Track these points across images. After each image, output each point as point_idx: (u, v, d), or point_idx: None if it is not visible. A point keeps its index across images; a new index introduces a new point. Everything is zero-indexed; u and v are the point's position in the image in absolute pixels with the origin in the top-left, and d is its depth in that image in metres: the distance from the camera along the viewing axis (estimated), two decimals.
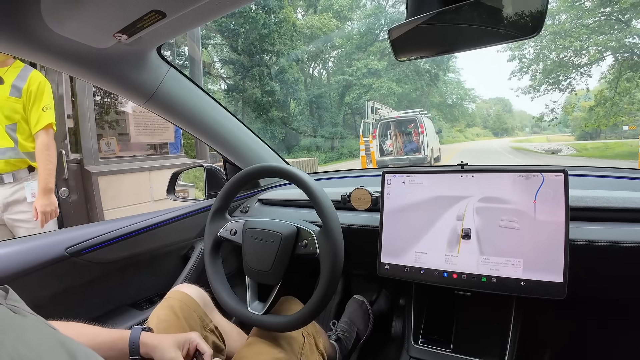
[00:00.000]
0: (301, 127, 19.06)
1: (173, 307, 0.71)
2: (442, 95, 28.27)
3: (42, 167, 1.55)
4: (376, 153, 9.42)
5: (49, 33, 0.58)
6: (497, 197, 0.74)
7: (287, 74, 16.72)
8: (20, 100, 1.55)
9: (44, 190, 1.56)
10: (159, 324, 0.68)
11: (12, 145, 1.55)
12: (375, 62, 19.87)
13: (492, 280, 0.72)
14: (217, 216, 0.87)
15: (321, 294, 0.69)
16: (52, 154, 1.59)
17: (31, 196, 1.61)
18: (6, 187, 1.57)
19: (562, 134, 38.82)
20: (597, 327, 0.96)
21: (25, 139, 1.59)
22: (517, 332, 0.80)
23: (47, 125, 1.58)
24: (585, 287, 0.76)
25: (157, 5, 0.51)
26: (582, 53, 15.11)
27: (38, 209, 1.55)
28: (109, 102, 2.94)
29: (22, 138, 1.58)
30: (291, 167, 0.81)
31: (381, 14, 21.62)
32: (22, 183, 1.60)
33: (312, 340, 0.82)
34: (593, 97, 16.24)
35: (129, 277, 0.94)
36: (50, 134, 1.60)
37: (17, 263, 0.70)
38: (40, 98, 1.59)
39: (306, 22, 18.43)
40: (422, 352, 0.85)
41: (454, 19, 0.56)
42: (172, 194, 1.22)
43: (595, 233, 0.71)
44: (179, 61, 9.50)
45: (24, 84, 1.56)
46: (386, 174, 0.86)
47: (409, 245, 0.81)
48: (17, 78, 1.56)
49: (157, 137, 3.20)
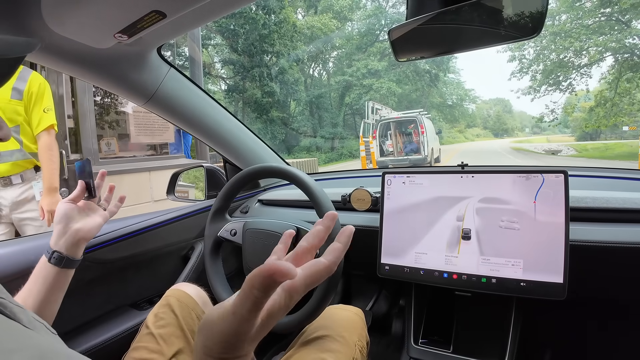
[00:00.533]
0: (301, 128, 19.07)
1: (171, 305, 0.71)
2: (442, 96, 28.29)
3: (46, 167, 1.57)
4: (376, 153, 9.42)
5: (49, 33, 0.58)
6: (497, 197, 0.74)
7: (287, 75, 16.75)
8: (22, 102, 1.56)
9: (48, 189, 1.58)
10: (157, 321, 0.67)
11: (18, 147, 1.57)
12: (375, 63, 19.90)
13: (492, 280, 0.72)
14: (217, 216, 0.87)
15: (321, 294, 0.69)
16: (54, 154, 1.61)
17: (39, 194, 1.63)
18: (15, 187, 1.60)
19: (562, 134, 38.84)
20: (598, 327, 0.96)
21: (29, 140, 1.61)
22: (517, 333, 0.80)
23: (49, 126, 1.60)
24: (585, 287, 0.76)
25: (158, 5, 0.51)
26: (582, 54, 15.13)
27: (44, 208, 1.57)
28: (109, 103, 2.94)
29: (26, 139, 1.60)
30: (291, 167, 0.81)
31: (381, 14, 21.65)
32: (30, 183, 1.63)
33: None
34: (593, 97, 16.25)
35: (129, 277, 0.93)
36: (52, 134, 1.62)
37: (17, 263, 0.70)
38: (41, 99, 1.60)
39: (306, 23, 18.45)
40: (422, 353, 0.85)
41: (454, 20, 0.56)
42: (172, 195, 1.22)
43: (595, 234, 0.71)
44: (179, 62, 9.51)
45: (25, 86, 1.57)
46: (386, 174, 0.86)
47: (409, 245, 0.81)
48: (17, 80, 1.56)
49: (158, 138, 3.20)
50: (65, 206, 0.64)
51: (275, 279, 0.26)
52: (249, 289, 0.26)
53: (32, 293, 0.58)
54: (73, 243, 0.63)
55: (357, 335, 0.73)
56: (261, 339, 0.30)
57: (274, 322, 0.29)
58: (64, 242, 0.62)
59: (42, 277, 0.59)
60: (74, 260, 0.63)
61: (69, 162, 2.28)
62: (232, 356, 0.29)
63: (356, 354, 0.69)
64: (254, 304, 0.27)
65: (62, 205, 0.64)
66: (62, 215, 0.63)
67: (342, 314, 0.77)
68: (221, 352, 0.29)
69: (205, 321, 0.30)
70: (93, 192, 0.68)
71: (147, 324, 0.68)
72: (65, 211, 0.64)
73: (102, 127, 2.84)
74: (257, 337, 0.29)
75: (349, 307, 0.81)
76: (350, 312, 0.79)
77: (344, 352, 0.67)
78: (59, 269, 0.60)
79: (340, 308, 0.79)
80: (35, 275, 0.60)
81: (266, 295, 0.26)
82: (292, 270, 0.26)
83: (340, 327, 0.72)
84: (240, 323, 0.27)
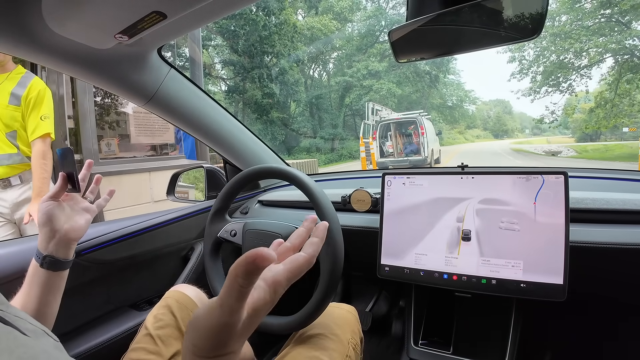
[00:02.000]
0: (301, 129, 19.08)
1: (170, 307, 0.70)
2: (442, 97, 28.32)
3: (37, 175, 1.54)
4: (376, 154, 9.42)
5: (49, 34, 0.58)
6: (497, 198, 0.74)
7: (288, 76, 16.76)
8: (19, 108, 1.54)
9: (37, 197, 1.55)
10: (155, 322, 0.67)
11: (15, 151, 1.56)
12: (375, 64, 19.92)
13: (492, 282, 0.72)
14: (217, 217, 0.87)
15: (321, 295, 0.69)
16: (47, 162, 1.57)
17: None
18: (15, 189, 1.59)
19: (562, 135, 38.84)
20: (598, 328, 0.96)
21: (26, 145, 1.59)
22: (517, 334, 0.80)
23: (45, 134, 1.56)
24: (585, 289, 0.76)
25: (158, 6, 0.51)
26: (582, 55, 15.15)
27: (32, 215, 1.55)
28: (109, 103, 2.94)
29: (22, 145, 1.58)
30: (291, 168, 0.81)
31: (381, 15, 21.69)
32: (29, 183, 1.61)
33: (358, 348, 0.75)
34: (593, 98, 16.25)
35: (128, 278, 0.93)
36: (47, 142, 1.58)
37: (16, 263, 0.70)
38: (39, 106, 1.57)
39: (306, 24, 18.48)
40: (422, 354, 0.85)
41: (454, 21, 0.56)
42: (172, 195, 1.22)
43: (595, 235, 0.71)
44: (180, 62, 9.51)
45: (24, 91, 1.54)
46: (386, 175, 0.86)
47: (409, 246, 0.81)
48: (17, 86, 1.54)
49: (158, 138, 3.20)
50: (47, 206, 0.58)
51: (257, 263, 0.26)
52: (234, 278, 0.27)
53: (30, 297, 0.56)
54: (63, 245, 0.58)
55: (350, 332, 0.73)
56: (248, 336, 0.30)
57: (259, 318, 0.30)
58: (53, 246, 0.57)
59: (37, 282, 0.57)
60: (66, 261, 0.59)
61: None
62: (220, 353, 0.29)
63: (349, 352, 0.69)
64: (239, 293, 0.27)
65: (44, 205, 0.58)
66: (45, 217, 0.57)
67: (335, 312, 0.77)
68: (210, 349, 0.29)
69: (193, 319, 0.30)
70: (77, 185, 0.60)
71: (146, 325, 0.68)
72: (47, 211, 0.58)
73: (102, 127, 2.84)
74: (244, 334, 0.30)
75: (342, 305, 0.81)
76: (343, 310, 0.79)
77: (338, 349, 0.67)
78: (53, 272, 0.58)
79: (333, 306, 0.79)
80: (30, 279, 0.57)
81: (250, 282, 0.27)
82: (272, 255, 0.27)
83: (334, 325, 0.72)
84: (227, 315, 0.28)
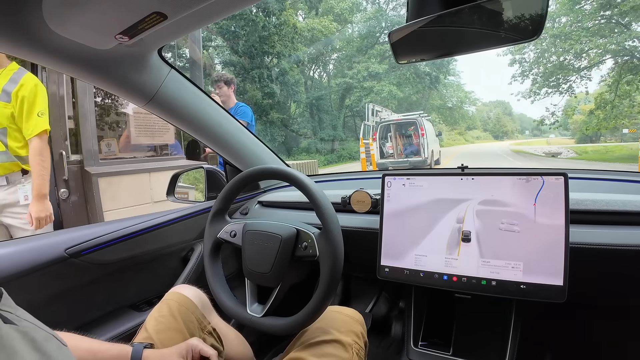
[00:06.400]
0: (301, 130, 19.09)
1: (171, 308, 0.70)
2: (443, 98, 28.34)
3: (36, 173, 1.52)
4: (376, 155, 9.42)
5: (50, 34, 0.58)
6: (497, 200, 0.73)
7: (288, 76, 16.78)
8: (10, 105, 1.52)
9: (37, 196, 1.53)
10: (156, 325, 0.67)
11: (3, 149, 1.53)
12: (375, 65, 19.94)
13: (492, 283, 0.72)
14: (217, 218, 0.86)
15: (321, 296, 0.69)
16: (45, 159, 1.55)
17: (24, 199, 1.58)
18: (0, 189, 1.56)
19: (563, 137, 38.87)
20: (598, 329, 0.96)
21: (16, 143, 1.56)
22: (517, 335, 0.80)
23: (42, 131, 1.55)
24: (585, 290, 0.76)
25: (159, 7, 0.51)
26: (582, 56, 15.18)
27: (33, 215, 1.53)
28: (109, 103, 2.94)
29: (12, 142, 1.55)
30: (291, 169, 0.81)
31: (382, 17, 21.71)
32: (15, 186, 1.58)
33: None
34: (593, 100, 16.27)
35: (128, 279, 0.93)
36: (44, 139, 1.57)
37: (16, 264, 0.69)
38: (34, 103, 1.54)
39: (307, 25, 18.49)
40: (422, 355, 0.85)
41: (454, 22, 0.56)
42: (172, 196, 1.22)
43: (595, 236, 0.71)
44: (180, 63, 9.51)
45: (14, 87, 1.52)
46: (386, 176, 0.86)
47: (409, 247, 0.81)
48: (8, 82, 1.52)
49: (158, 139, 3.20)
50: None
51: None
52: None
53: None
54: None
55: (354, 338, 0.73)
56: None
57: None
58: None
59: None
60: None
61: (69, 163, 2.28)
62: None
63: (353, 358, 0.68)
64: None
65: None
66: None
67: (339, 317, 0.77)
68: None
69: None
70: None
71: (147, 327, 0.68)
72: None
73: (102, 128, 2.83)
74: None
75: (346, 310, 0.81)
76: (346, 315, 0.78)
77: (341, 356, 0.67)
78: None
79: (336, 311, 0.79)
80: None
81: None
82: None
83: (337, 330, 0.72)
84: None
